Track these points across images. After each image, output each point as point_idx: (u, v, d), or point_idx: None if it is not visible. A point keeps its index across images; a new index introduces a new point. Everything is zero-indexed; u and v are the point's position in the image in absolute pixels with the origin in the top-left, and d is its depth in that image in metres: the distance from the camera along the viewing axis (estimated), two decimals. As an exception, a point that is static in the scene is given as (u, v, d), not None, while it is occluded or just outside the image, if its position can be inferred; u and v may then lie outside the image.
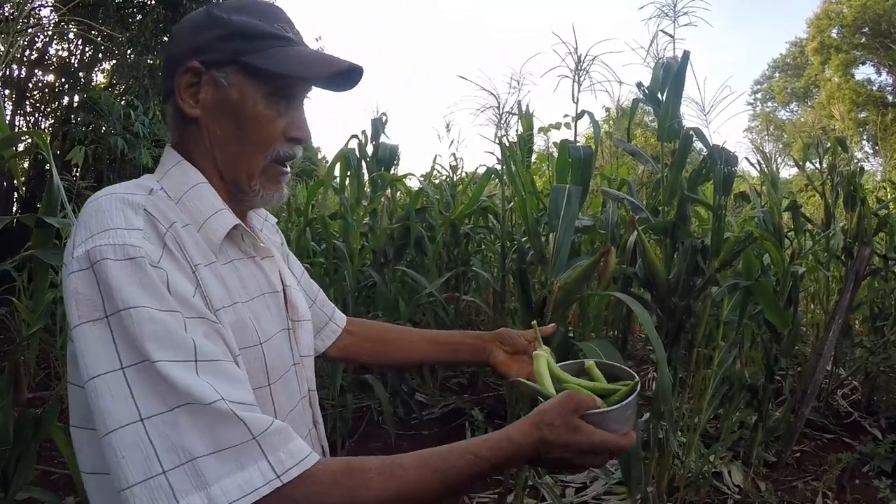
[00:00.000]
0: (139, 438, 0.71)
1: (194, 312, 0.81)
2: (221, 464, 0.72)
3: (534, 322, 1.30)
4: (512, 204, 3.14)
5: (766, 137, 24.37)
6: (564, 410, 0.93)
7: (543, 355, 1.18)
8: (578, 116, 2.58)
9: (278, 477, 0.75)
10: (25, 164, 6.87)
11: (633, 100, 3.09)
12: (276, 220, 1.27)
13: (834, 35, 23.83)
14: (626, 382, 1.11)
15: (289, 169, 1.03)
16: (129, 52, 7.69)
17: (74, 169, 7.12)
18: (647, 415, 2.71)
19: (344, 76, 1.00)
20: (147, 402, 0.72)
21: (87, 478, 0.87)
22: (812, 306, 5.53)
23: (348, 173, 4.07)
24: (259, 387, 0.92)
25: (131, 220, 0.82)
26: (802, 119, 23.21)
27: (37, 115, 8.27)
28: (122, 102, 6.36)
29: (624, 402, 1.00)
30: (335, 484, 0.79)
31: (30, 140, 2.28)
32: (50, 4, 6.36)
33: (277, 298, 1.04)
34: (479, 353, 1.34)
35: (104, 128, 6.51)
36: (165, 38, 7.90)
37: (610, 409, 0.99)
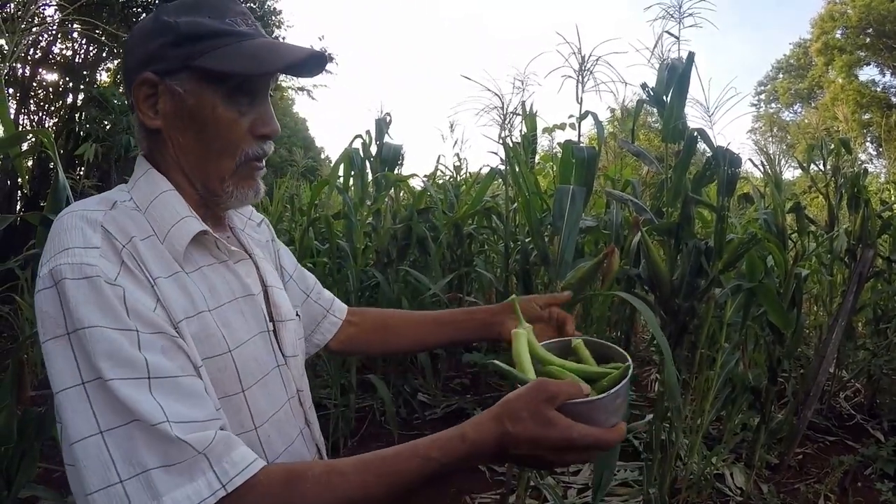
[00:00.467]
0: (99, 450, 0.74)
1: (152, 328, 0.81)
2: (171, 477, 0.75)
3: (513, 296, 1.22)
4: (515, 204, 3.14)
5: (770, 139, 24.36)
6: (534, 400, 0.85)
7: (523, 333, 1.07)
8: (582, 117, 2.58)
9: (223, 486, 0.77)
10: (29, 163, 6.87)
11: (638, 101, 3.09)
12: (262, 217, 1.25)
13: (838, 36, 23.80)
14: (618, 365, 1.00)
15: (263, 164, 1.01)
16: (133, 50, 7.70)
17: (79, 167, 7.14)
18: (649, 416, 2.71)
19: (304, 63, 0.97)
20: (105, 416, 0.75)
21: (70, 470, 0.88)
22: (815, 308, 5.52)
23: (352, 173, 4.07)
24: (232, 393, 0.92)
25: (89, 239, 0.83)
26: (806, 120, 23.19)
27: (41, 114, 8.29)
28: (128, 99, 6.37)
29: (613, 390, 0.89)
30: (271, 496, 0.80)
31: (33, 138, 2.28)
32: (54, 4, 6.37)
33: (253, 301, 1.02)
34: (488, 327, 1.28)
35: (108, 126, 6.52)
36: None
37: (596, 398, 0.88)
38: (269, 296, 1.08)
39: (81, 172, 6.94)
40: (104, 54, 8.28)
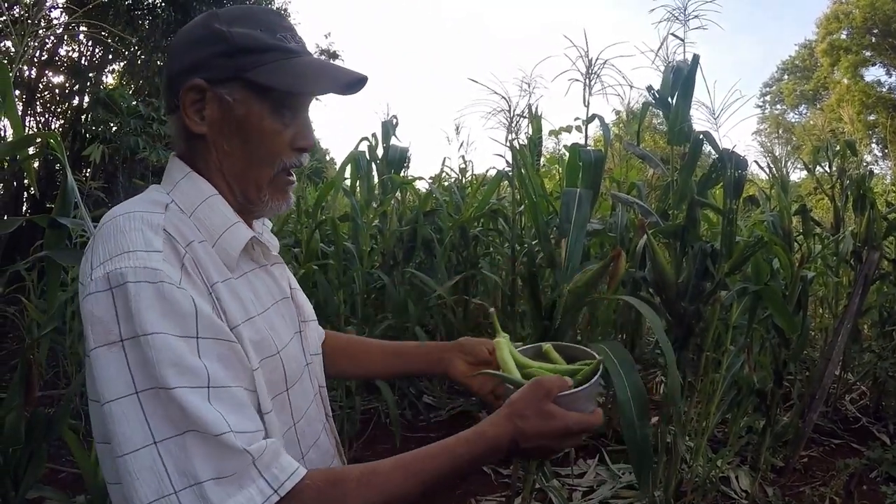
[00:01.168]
0: (153, 461, 0.74)
1: (210, 333, 0.82)
2: (223, 488, 0.75)
3: (491, 309, 1.31)
4: (522, 207, 3.14)
5: (776, 140, 24.30)
6: (535, 398, 0.95)
7: (504, 342, 1.18)
8: (589, 120, 2.58)
9: (275, 492, 0.78)
10: (35, 164, 6.90)
11: (644, 103, 3.10)
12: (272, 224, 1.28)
13: (843, 36, 23.74)
14: (587, 362, 1.11)
15: (294, 177, 1.03)
16: (139, 52, 7.72)
17: (85, 169, 7.16)
18: (654, 419, 2.71)
19: (346, 85, 1.00)
20: (159, 426, 0.75)
21: (113, 488, 0.89)
22: (821, 311, 5.51)
23: (359, 176, 4.08)
24: (279, 393, 0.95)
25: (151, 242, 0.82)
26: (812, 122, 23.14)
27: (47, 116, 8.31)
28: (139, 103, 6.38)
29: (593, 381, 1.02)
30: (320, 497, 0.82)
31: (40, 142, 2.29)
32: (61, 6, 6.40)
33: (289, 303, 1.08)
34: (435, 363, 1.30)
35: (115, 128, 6.53)
36: (175, 39, 7.94)
37: (580, 388, 1.00)
38: (294, 298, 1.12)
39: (87, 174, 6.99)
40: (110, 56, 8.30)
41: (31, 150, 2.06)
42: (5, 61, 1.94)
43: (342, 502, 0.82)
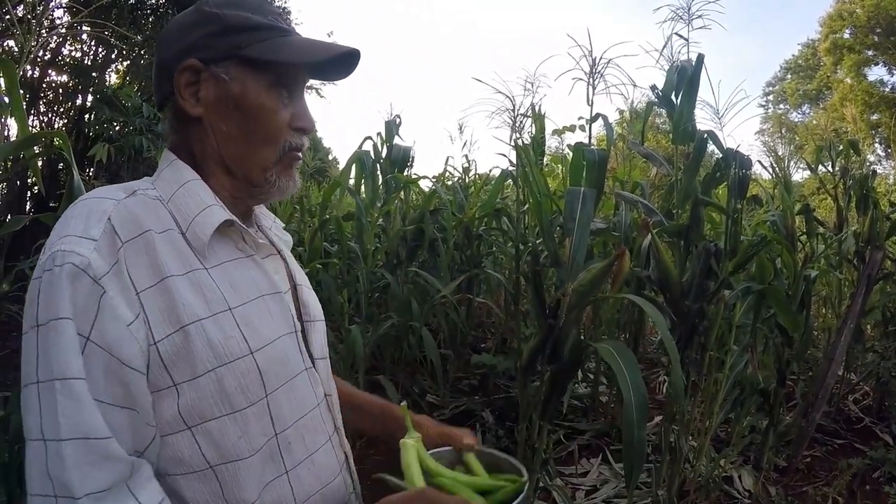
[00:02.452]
0: (43, 457, 0.74)
1: (102, 342, 0.77)
2: None
3: (403, 403, 1.18)
4: (526, 206, 3.14)
5: (779, 140, 24.28)
6: None
7: (412, 444, 1.04)
8: (593, 119, 2.58)
9: None
10: (39, 164, 6.92)
11: (648, 103, 3.11)
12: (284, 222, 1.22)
13: (847, 35, 23.69)
14: (512, 477, 1.01)
15: (301, 157, 1.01)
16: (142, 52, 7.73)
17: (88, 168, 7.16)
18: (658, 418, 2.71)
19: (342, 62, 1.00)
20: (50, 424, 0.74)
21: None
22: (824, 310, 5.51)
23: (363, 175, 4.08)
24: (256, 400, 0.88)
25: (88, 229, 0.80)
26: (815, 121, 23.12)
27: (50, 115, 8.32)
28: (144, 102, 6.39)
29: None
30: None
31: (45, 141, 2.29)
32: (63, 6, 6.40)
33: (281, 299, 0.98)
34: (394, 434, 1.14)
35: (118, 126, 6.54)
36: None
37: None
38: (297, 294, 1.05)
39: (91, 173, 7.00)
40: (113, 56, 8.31)
41: (35, 149, 2.06)
42: (11, 61, 1.95)
43: None
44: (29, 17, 2.25)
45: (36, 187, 7.47)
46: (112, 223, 0.81)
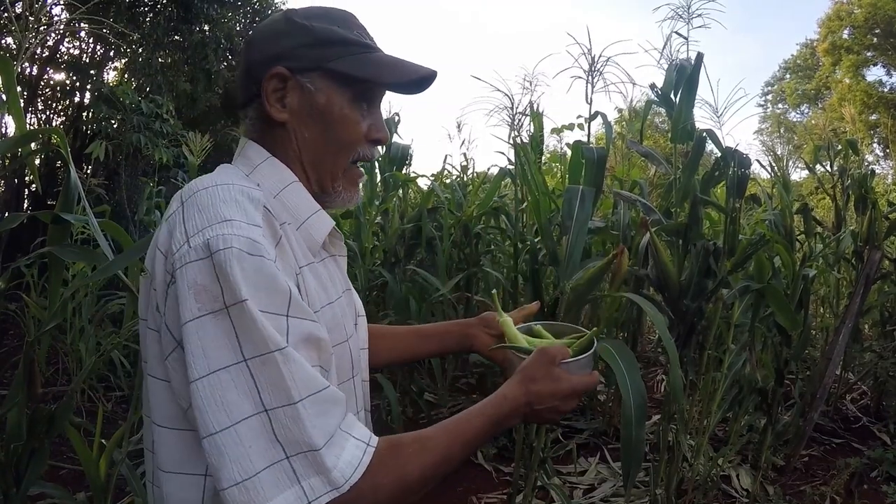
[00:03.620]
0: (263, 428, 0.76)
1: (298, 313, 0.82)
2: (332, 449, 0.78)
3: (493, 291, 1.39)
4: (525, 204, 3.14)
5: (777, 139, 24.30)
6: (543, 363, 1.04)
7: (510, 321, 1.28)
8: (592, 117, 2.58)
9: (368, 444, 0.83)
10: (37, 162, 6.89)
11: (647, 101, 3.10)
12: None
13: (845, 36, 23.72)
14: (578, 335, 1.24)
15: (363, 171, 1.08)
16: (140, 50, 7.72)
17: (86, 166, 7.15)
18: (656, 417, 2.71)
19: (420, 80, 1.03)
20: (270, 395, 0.76)
21: (168, 477, 0.88)
22: (822, 310, 5.51)
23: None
24: (346, 379, 0.99)
25: (252, 216, 0.83)
26: (813, 121, 23.12)
27: (48, 113, 8.31)
28: (142, 100, 6.39)
29: (591, 350, 1.13)
30: (383, 462, 0.84)
31: (42, 138, 2.29)
32: (62, 3, 6.39)
33: (351, 295, 1.11)
34: (465, 339, 1.38)
35: (115, 124, 6.53)
36: (177, 37, 7.92)
37: (583, 356, 1.11)
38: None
39: (89, 171, 6.98)
40: (111, 53, 8.29)
41: (32, 147, 2.05)
42: (8, 58, 1.94)
43: (403, 467, 0.85)
44: (27, 14, 2.25)
45: (34, 185, 7.46)
46: (268, 211, 0.87)
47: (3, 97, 1.92)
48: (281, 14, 1.02)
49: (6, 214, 6.66)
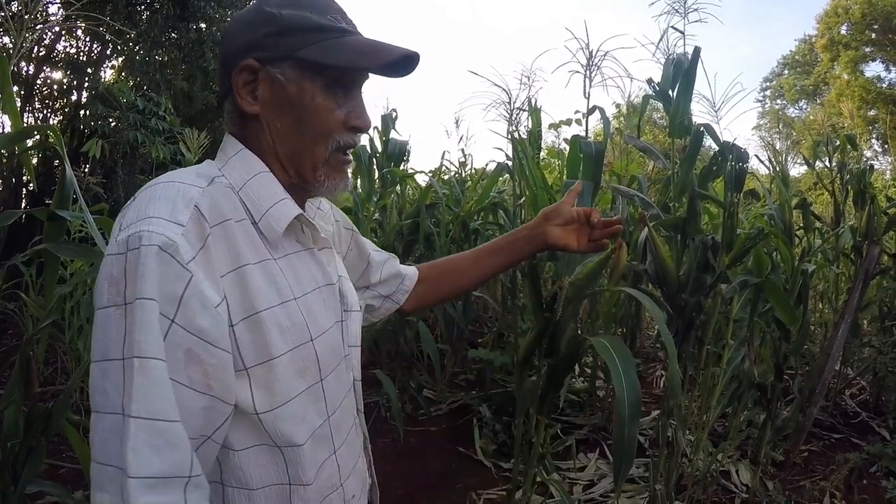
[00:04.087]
0: (115, 427, 0.76)
1: (188, 325, 0.79)
2: (143, 492, 0.75)
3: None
4: (523, 199, 3.13)
5: (776, 135, 24.31)
6: None
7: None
8: (590, 112, 2.57)
9: None
10: (34, 161, 6.88)
11: (644, 96, 3.09)
12: (331, 205, 1.25)
13: (843, 32, 23.72)
14: None
15: (350, 157, 1.04)
16: (137, 48, 7.71)
17: (83, 164, 7.14)
18: (655, 413, 2.71)
19: (400, 63, 1.00)
20: (131, 400, 0.75)
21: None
22: (821, 305, 5.51)
23: (359, 169, 4.07)
24: (313, 383, 0.95)
25: (177, 214, 0.82)
26: (812, 117, 23.12)
27: (45, 112, 8.29)
28: (138, 98, 6.38)
29: None
30: None
31: (38, 136, 2.28)
32: (58, 1, 6.37)
33: (333, 290, 1.05)
34: (535, 239, 1.42)
35: (112, 122, 6.52)
36: (174, 35, 7.91)
37: None
38: (340, 286, 1.09)
39: (86, 169, 6.97)
40: (108, 51, 8.28)
41: (29, 144, 2.05)
42: (3, 55, 1.93)
43: None
44: (22, 12, 2.24)
45: (31, 185, 7.46)
46: (200, 210, 0.84)
47: (-2, 94, 1.92)
48: (255, 3, 0.99)
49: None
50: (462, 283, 1.48)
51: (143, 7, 7.86)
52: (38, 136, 2.27)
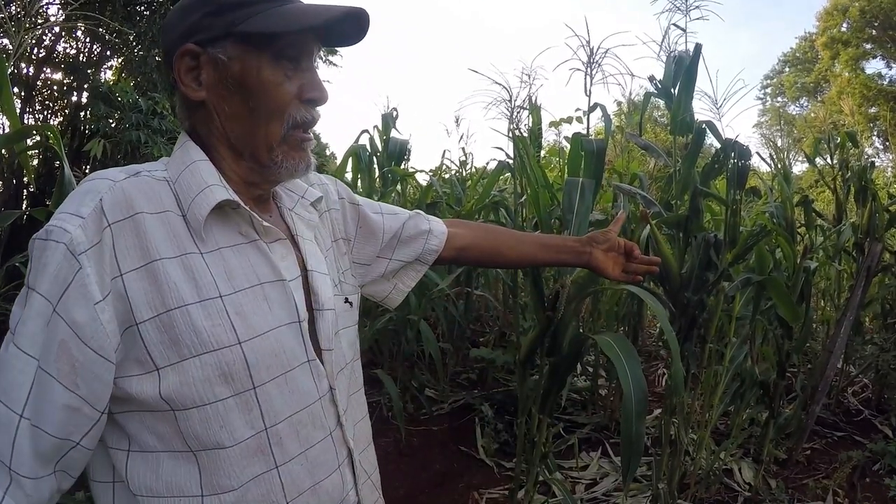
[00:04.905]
0: None
1: (67, 316, 0.78)
2: None
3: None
4: (524, 198, 3.13)
5: (777, 133, 24.29)
6: None
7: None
8: (591, 109, 2.56)
9: None
10: (35, 162, 6.88)
11: (646, 93, 3.08)
12: (320, 193, 1.13)
13: (843, 29, 23.70)
14: None
15: (310, 135, 0.97)
16: (136, 48, 7.70)
17: (84, 165, 7.14)
18: (658, 411, 2.70)
19: (350, 25, 0.95)
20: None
21: (97, 486, 0.91)
22: (823, 303, 5.50)
23: (360, 168, 4.07)
24: (243, 390, 0.86)
25: (79, 208, 0.80)
26: (813, 114, 23.11)
27: (45, 113, 8.29)
28: (140, 97, 6.38)
29: None
30: None
31: (38, 136, 2.28)
32: (58, 2, 6.38)
33: (283, 287, 0.93)
34: (581, 256, 1.44)
35: (113, 123, 6.51)
36: (173, 34, 7.91)
37: None
38: (308, 281, 0.99)
39: (87, 170, 6.97)
40: (108, 52, 8.28)
41: (29, 144, 2.05)
42: (2, 56, 1.93)
43: None
44: (20, 14, 2.24)
45: (32, 186, 7.45)
46: (102, 204, 0.81)
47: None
48: None
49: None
50: (507, 256, 1.48)
51: (142, 7, 7.85)
52: (37, 137, 2.27)
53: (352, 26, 0.96)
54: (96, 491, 0.89)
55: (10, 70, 1.89)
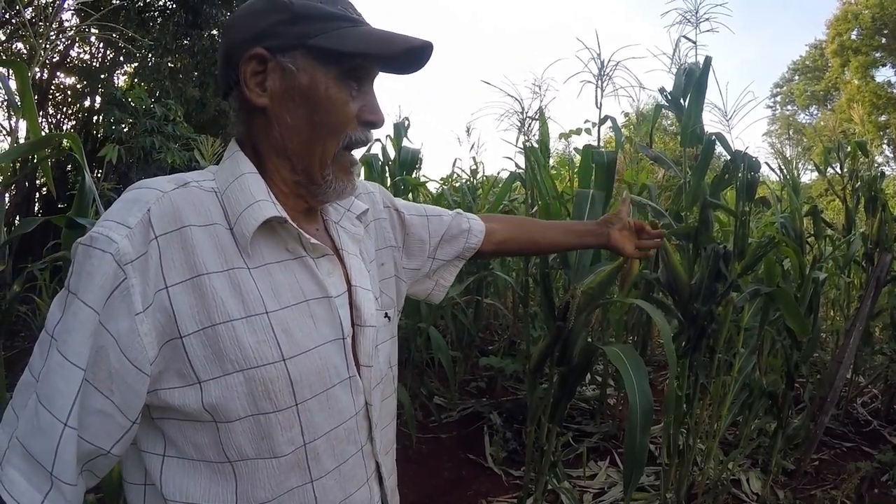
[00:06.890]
0: (24, 397, 0.81)
1: (108, 328, 0.79)
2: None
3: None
4: (535, 208, 3.15)
5: (787, 141, 24.23)
6: None
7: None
8: (602, 121, 2.58)
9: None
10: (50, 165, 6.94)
11: (656, 105, 3.10)
12: (366, 205, 1.12)
13: (853, 37, 23.62)
14: None
15: (357, 160, 0.98)
16: (149, 55, 7.76)
17: (97, 170, 7.19)
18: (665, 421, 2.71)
19: (413, 54, 0.94)
20: (37, 369, 0.80)
21: (125, 486, 0.92)
22: (832, 313, 5.49)
23: (373, 177, 4.10)
24: (284, 407, 0.86)
25: (126, 217, 0.80)
26: (822, 123, 23.03)
27: (59, 117, 8.36)
28: (155, 103, 6.43)
29: None
30: None
31: (55, 141, 2.31)
32: (72, 9, 6.44)
33: (330, 304, 0.93)
34: (601, 236, 1.50)
35: (126, 128, 6.56)
36: (186, 41, 7.97)
37: None
38: (352, 297, 0.98)
39: (100, 175, 7.02)
40: (121, 58, 8.35)
41: (47, 151, 2.08)
42: (23, 62, 1.96)
43: None
44: (37, 20, 2.27)
45: (45, 189, 7.52)
46: (150, 215, 0.81)
47: (18, 101, 1.95)
48: None
49: (17, 218, 6.72)
50: (541, 243, 1.54)
51: (155, 14, 7.92)
52: (56, 143, 2.30)
53: (415, 58, 0.96)
54: (129, 491, 0.90)
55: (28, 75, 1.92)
